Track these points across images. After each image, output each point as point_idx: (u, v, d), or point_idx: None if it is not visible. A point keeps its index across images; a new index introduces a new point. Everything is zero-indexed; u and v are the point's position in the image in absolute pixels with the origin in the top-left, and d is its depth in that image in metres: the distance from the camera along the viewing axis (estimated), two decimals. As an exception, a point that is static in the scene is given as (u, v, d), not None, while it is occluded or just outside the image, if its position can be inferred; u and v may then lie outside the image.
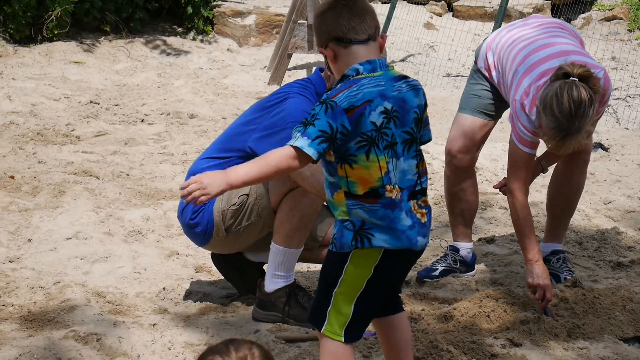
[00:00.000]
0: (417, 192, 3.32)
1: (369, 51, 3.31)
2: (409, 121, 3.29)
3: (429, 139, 3.44)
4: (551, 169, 5.18)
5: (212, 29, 12.35)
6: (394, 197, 3.24)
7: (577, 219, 6.07)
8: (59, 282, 5.00)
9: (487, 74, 5.02)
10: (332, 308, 3.33)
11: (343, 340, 3.34)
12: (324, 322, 3.35)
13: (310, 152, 3.15)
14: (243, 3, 12.87)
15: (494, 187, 5.21)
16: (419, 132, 3.35)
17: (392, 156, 3.25)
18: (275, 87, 9.99)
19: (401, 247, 3.26)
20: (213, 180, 3.18)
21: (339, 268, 3.29)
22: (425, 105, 3.39)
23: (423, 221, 3.32)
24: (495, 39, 5.00)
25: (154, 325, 4.45)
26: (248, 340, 2.64)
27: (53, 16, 11.10)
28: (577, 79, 4.27)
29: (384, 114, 3.23)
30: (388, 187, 3.23)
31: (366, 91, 3.22)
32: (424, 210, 3.34)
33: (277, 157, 3.21)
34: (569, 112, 4.24)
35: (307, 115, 3.21)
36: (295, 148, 3.16)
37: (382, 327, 3.51)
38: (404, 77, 3.34)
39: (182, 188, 3.20)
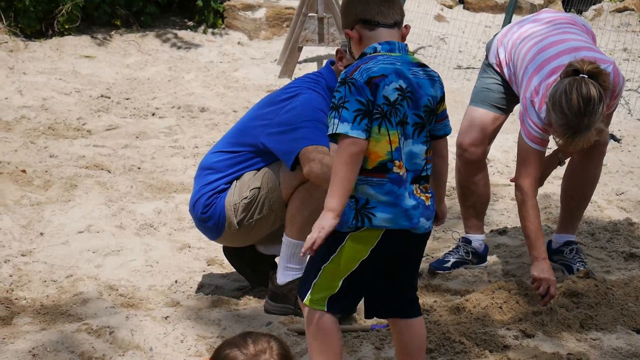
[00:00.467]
0: (422, 177, 3.36)
1: (391, 36, 3.39)
2: (420, 106, 3.33)
3: (447, 133, 3.46)
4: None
5: (223, 22, 12.33)
6: (401, 173, 3.27)
7: (590, 210, 6.05)
8: (72, 275, 5.02)
9: (498, 70, 5.02)
10: (318, 280, 3.36)
11: (326, 309, 3.35)
12: (307, 293, 3.37)
13: (356, 134, 3.20)
14: (253, -4, 12.86)
15: (511, 180, 5.18)
16: (430, 122, 3.37)
17: (402, 134, 3.28)
18: (286, 80, 9.97)
19: (401, 228, 3.28)
20: (322, 221, 3.23)
21: (333, 246, 3.32)
22: (442, 99, 3.41)
23: (427, 204, 3.35)
24: (507, 34, 4.99)
25: (166, 318, 4.45)
26: (266, 333, 2.62)
27: (64, 10, 11.12)
28: (586, 76, 4.26)
29: (398, 90, 3.27)
30: (397, 162, 3.27)
31: (381, 66, 3.28)
32: (428, 194, 3.37)
33: (337, 161, 3.23)
34: (577, 109, 4.24)
35: (323, 109, 3.25)
36: (341, 135, 3.21)
37: (397, 326, 3.51)
38: (423, 65, 3.39)
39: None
